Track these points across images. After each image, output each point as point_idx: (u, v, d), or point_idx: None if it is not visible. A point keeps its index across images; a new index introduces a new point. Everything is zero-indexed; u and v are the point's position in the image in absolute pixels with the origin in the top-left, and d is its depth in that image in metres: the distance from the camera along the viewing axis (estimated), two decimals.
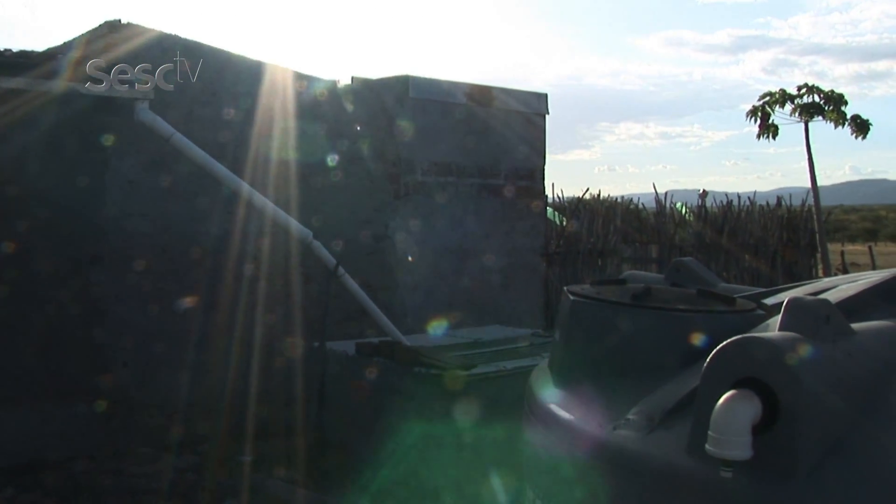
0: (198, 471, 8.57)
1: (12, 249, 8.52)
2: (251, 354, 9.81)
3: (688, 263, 5.36)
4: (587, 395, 3.75)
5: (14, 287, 8.59)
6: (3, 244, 8.47)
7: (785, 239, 19.47)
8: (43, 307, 8.81)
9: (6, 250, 8.47)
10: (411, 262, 11.37)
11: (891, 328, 3.52)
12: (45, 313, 8.81)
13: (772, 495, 2.75)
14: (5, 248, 8.46)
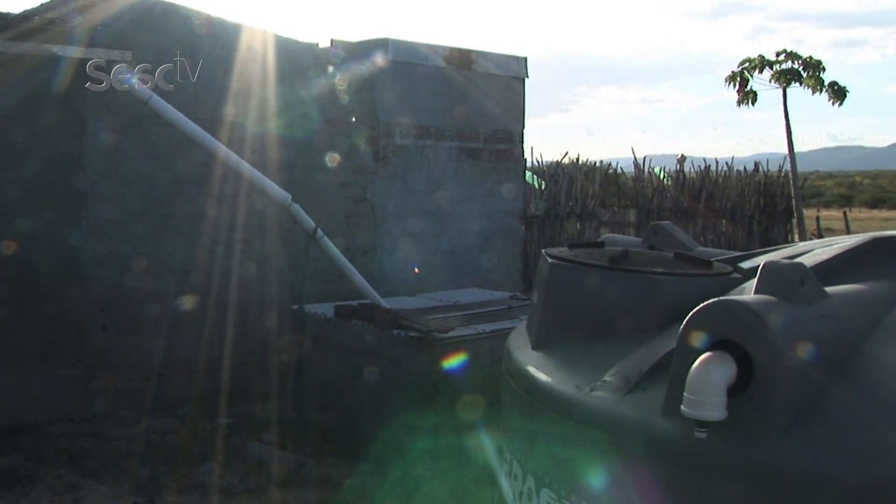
0: (177, 433, 8.58)
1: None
2: (230, 317, 9.82)
3: (665, 227, 5.37)
4: (564, 357, 3.77)
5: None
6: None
7: (762, 204, 19.57)
8: (21, 271, 8.77)
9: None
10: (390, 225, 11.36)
11: (863, 291, 3.55)
12: (23, 277, 8.77)
13: (745, 455, 2.78)
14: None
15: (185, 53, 9.45)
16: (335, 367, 8.94)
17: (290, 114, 10.28)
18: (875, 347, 3.13)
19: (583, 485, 3.34)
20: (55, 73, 8.52)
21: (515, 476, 3.86)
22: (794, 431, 2.77)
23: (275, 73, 10.16)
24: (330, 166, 10.72)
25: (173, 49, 9.25)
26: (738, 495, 2.83)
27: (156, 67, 8.76)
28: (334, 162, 10.76)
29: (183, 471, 7.65)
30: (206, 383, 9.67)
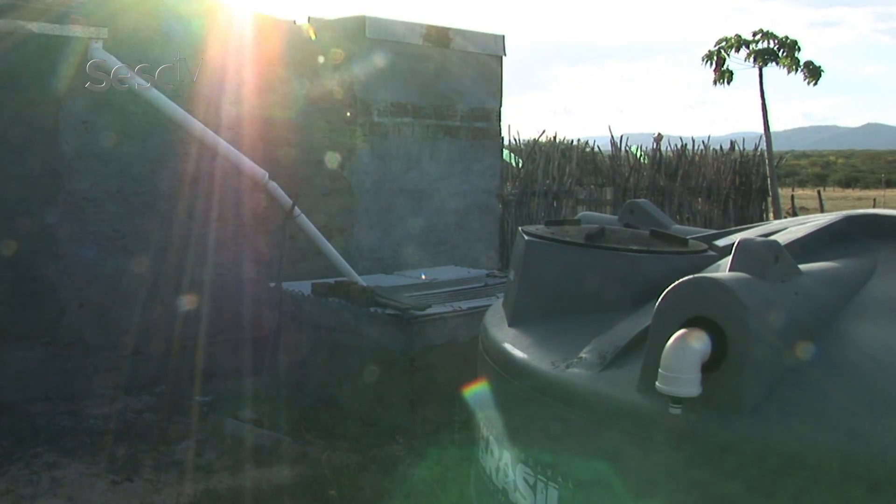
0: (155, 411, 8.58)
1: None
2: (208, 295, 9.80)
3: (642, 205, 5.40)
4: (541, 334, 3.79)
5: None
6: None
7: (737, 183, 19.67)
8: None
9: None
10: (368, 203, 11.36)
11: (836, 268, 3.59)
12: (0, 255, 8.72)
13: (718, 431, 2.81)
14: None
15: (161, 30, 9.39)
16: (312, 344, 8.95)
17: (267, 91, 10.23)
18: (847, 324, 3.17)
19: (558, 460, 3.37)
20: (30, 51, 8.45)
21: (492, 452, 3.89)
22: (768, 407, 2.80)
23: (251, 50, 10.11)
24: (306, 143, 10.69)
25: (150, 26, 9.19)
26: (713, 470, 2.87)
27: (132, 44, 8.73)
28: (311, 139, 10.73)
29: (160, 448, 7.65)
30: (183, 361, 9.65)
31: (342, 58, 11.01)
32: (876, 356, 2.94)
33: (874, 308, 3.32)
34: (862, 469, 2.58)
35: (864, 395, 2.77)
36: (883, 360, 2.90)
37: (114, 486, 6.85)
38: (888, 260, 3.78)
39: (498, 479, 3.81)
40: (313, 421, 8.36)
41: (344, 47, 11.04)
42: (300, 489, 6.75)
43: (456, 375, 7.97)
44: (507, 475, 3.68)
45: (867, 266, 3.70)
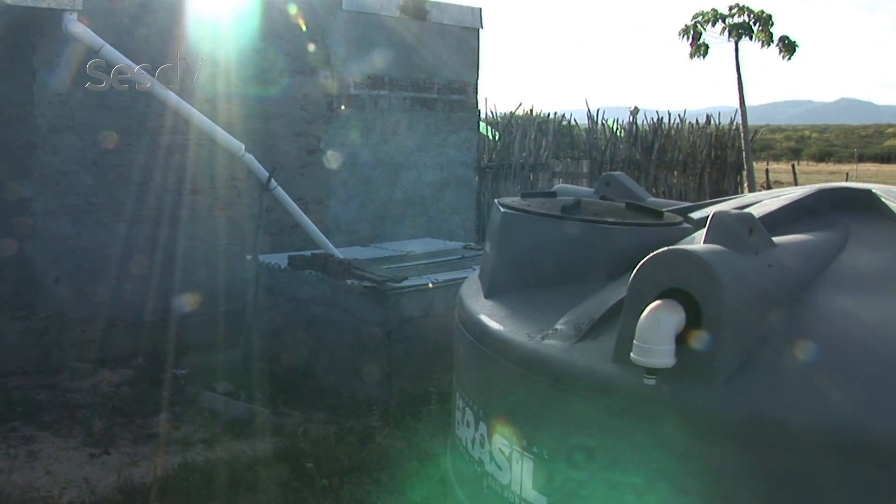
0: (132, 384, 8.57)
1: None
2: (186, 268, 9.79)
3: (617, 178, 5.41)
4: (516, 306, 3.80)
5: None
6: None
7: (713, 157, 19.74)
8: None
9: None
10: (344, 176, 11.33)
11: (809, 241, 3.62)
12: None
13: (692, 401, 2.84)
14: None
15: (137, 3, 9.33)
16: (289, 316, 8.96)
17: (244, 64, 10.19)
18: (819, 295, 3.20)
19: (534, 431, 3.40)
20: (4, 23, 8.37)
21: (468, 423, 3.91)
22: (741, 378, 2.82)
23: (228, 22, 10.05)
24: (283, 116, 10.66)
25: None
26: (687, 440, 2.90)
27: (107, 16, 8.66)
28: (288, 112, 10.69)
29: (137, 421, 7.66)
30: (159, 334, 9.64)
31: (319, 30, 10.96)
32: (846, 327, 2.97)
33: (845, 280, 3.35)
34: (834, 437, 2.61)
35: (835, 365, 2.80)
36: (853, 332, 2.94)
37: (91, 459, 6.86)
38: (859, 233, 3.81)
39: (474, 451, 3.83)
40: (290, 393, 8.38)
41: (321, 20, 10.99)
42: (277, 461, 6.77)
43: (432, 347, 8.03)
44: (484, 446, 3.70)
45: (839, 239, 3.73)
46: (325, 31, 11.07)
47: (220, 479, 6.35)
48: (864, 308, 3.09)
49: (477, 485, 3.80)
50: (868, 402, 2.64)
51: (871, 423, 2.58)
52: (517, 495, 3.48)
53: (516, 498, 3.48)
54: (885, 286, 3.29)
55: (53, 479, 6.50)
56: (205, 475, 6.40)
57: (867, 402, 2.64)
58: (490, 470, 3.66)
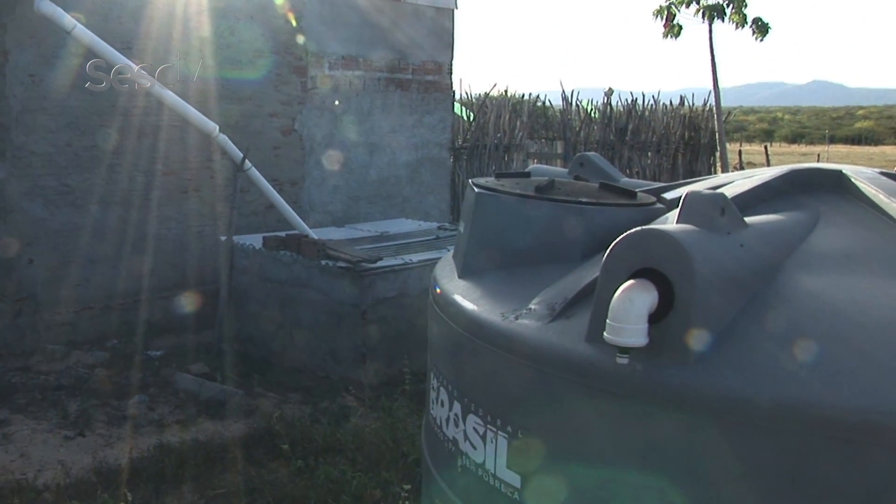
0: (107, 366, 8.54)
1: None
2: (160, 249, 9.76)
3: (591, 158, 5.42)
4: (490, 286, 3.81)
5: None
6: None
7: (686, 138, 19.80)
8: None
9: None
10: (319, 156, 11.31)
11: (781, 221, 3.65)
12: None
13: (664, 380, 2.86)
14: None
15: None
16: (264, 297, 8.95)
17: (217, 44, 10.13)
18: (790, 275, 3.23)
19: (508, 411, 3.42)
20: None
21: (442, 403, 3.92)
22: (713, 357, 2.85)
23: (200, 3, 9.99)
24: (258, 97, 10.61)
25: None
26: (659, 419, 2.92)
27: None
28: (262, 93, 10.65)
29: (112, 403, 7.64)
30: (134, 316, 9.62)
31: (293, 10, 10.91)
32: (817, 307, 3.00)
33: (816, 260, 3.38)
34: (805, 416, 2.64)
35: (808, 343, 2.82)
36: (825, 310, 2.96)
37: (66, 442, 6.85)
38: (830, 213, 3.84)
39: (449, 430, 3.85)
40: (265, 374, 8.39)
41: (296, 0, 10.94)
42: (252, 442, 6.79)
43: (407, 328, 8.05)
44: (458, 426, 3.72)
45: (810, 219, 3.76)
46: (300, 12, 11.02)
47: (195, 461, 6.36)
48: (834, 288, 3.12)
49: (451, 464, 3.82)
50: (836, 379, 2.67)
51: (839, 401, 2.61)
52: (491, 474, 3.50)
53: (491, 477, 3.50)
54: (854, 266, 3.33)
55: (28, 461, 6.49)
56: (179, 456, 6.40)
57: (835, 380, 2.67)
58: (464, 449, 3.68)
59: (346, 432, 6.73)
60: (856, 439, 2.60)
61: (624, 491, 3.06)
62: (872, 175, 4.11)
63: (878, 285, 3.15)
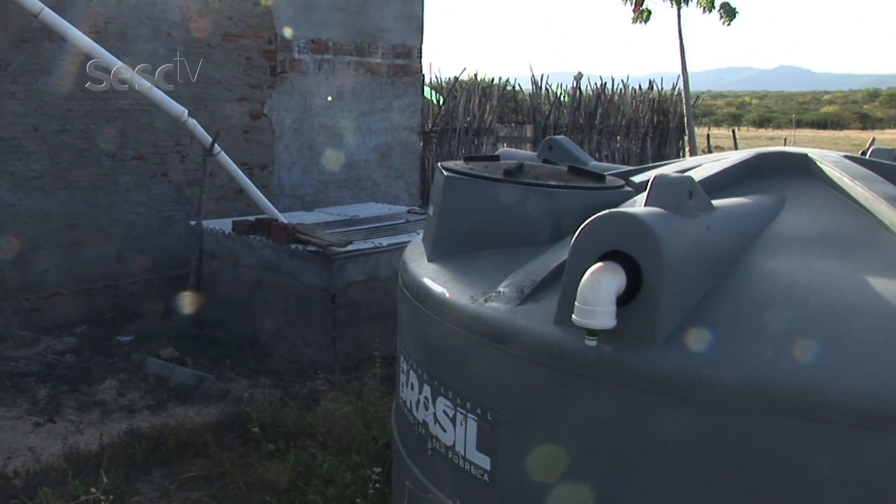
0: (77, 352, 8.51)
1: None
2: (129, 234, 9.71)
3: (560, 141, 5.44)
4: (460, 269, 3.83)
5: None
6: None
7: (655, 122, 19.89)
8: None
9: None
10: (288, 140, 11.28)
11: (748, 204, 3.68)
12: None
13: (632, 362, 2.89)
14: None
15: None
16: (233, 282, 8.93)
17: (185, 27, 10.07)
18: (757, 257, 3.26)
19: (478, 393, 3.44)
20: None
21: (412, 386, 3.94)
22: (680, 338, 2.88)
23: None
24: (227, 80, 10.56)
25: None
26: (627, 400, 2.95)
27: None
28: (231, 76, 10.60)
29: (83, 389, 7.61)
30: (104, 301, 9.59)
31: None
32: (783, 288, 3.03)
33: (782, 242, 3.42)
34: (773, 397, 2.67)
35: (773, 325, 2.86)
36: (790, 292, 3.00)
37: (36, 428, 6.81)
38: (796, 196, 3.88)
39: (419, 413, 3.86)
40: (235, 358, 8.38)
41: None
42: (223, 426, 6.78)
43: (377, 311, 8.07)
44: (428, 409, 3.73)
45: (776, 202, 3.80)
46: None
47: (166, 446, 6.35)
48: (799, 270, 3.16)
49: (422, 447, 3.84)
50: (802, 360, 2.70)
51: (805, 381, 2.65)
52: (461, 456, 3.52)
53: (461, 459, 3.52)
54: (819, 248, 3.36)
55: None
56: (151, 442, 6.38)
57: (801, 361, 2.70)
58: (434, 432, 3.70)
59: (317, 416, 6.74)
60: (821, 419, 2.64)
61: (594, 472, 3.09)
62: (837, 159, 4.15)
63: (842, 267, 3.19)
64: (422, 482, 3.87)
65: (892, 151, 4.77)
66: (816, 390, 2.63)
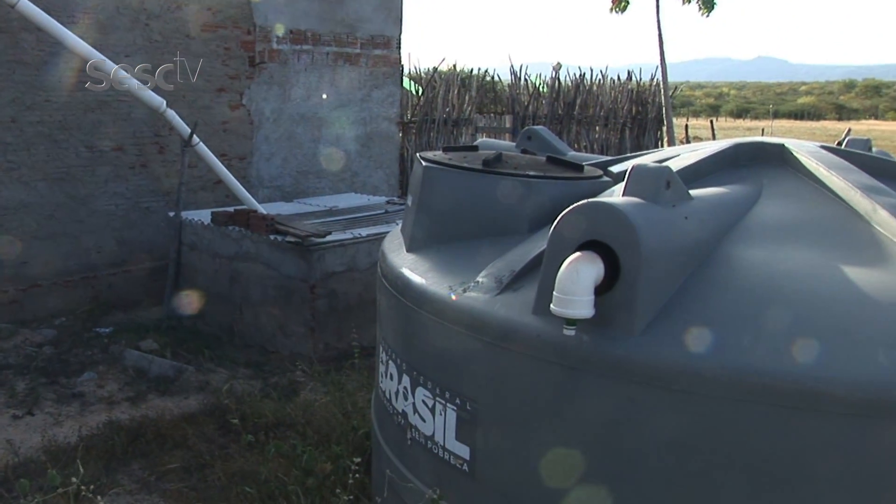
0: (55, 345, 8.47)
1: None
2: (108, 225, 9.67)
3: (539, 132, 5.45)
4: (438, 259, 3.84)
5: None
6: None
7: (634, 112, 19.93)
8: None
9: None
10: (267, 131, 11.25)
11: (725, 193, 3.71)
12: None
13: (610, 351, 2.91)
14: None
15: None
16: (213, 273, 8.91)
17: (164, 18, 10.02)
18: (734, 246, 3.28)
19: (456, 383, 3.45)
20: None
21: (392, 376, 3.95)
22: (658, 327, 2.90)
23: None
24: (205, 71, 10.52)
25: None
26: (606, 389, 2.97)
27: None
28: (210, 67, 10.56)
29: (61, 381, 7.58)
30: (83, 293, 9.54)
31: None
32: (760, 277, 3.06)
33: (759, 231, 3.44)
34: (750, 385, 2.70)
35: (749, 314, 2.88)
36: (767, 281, 3.02)
37: (14, 421, 6.78)
38: (772, 186, 3.91)
39: (398, 403, 3.88)
40: (215, 349, 8.36)
41: None
42: (203, 417, 6.77)
43: (356, 302, 8.07)
44: (407, 399, 3.75)
45: (753, 191, 3.83)
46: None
47: (145, 437, 6.33)
48: (775, 258, 3.18)
49: (401, 437, 3.85)
50: (777, 348, 2.73)
51: (781, 368, 2.67)
52: (441, 446, 3.53)
53: (440, 449, 3.54)
54: (795, 237, 3.39)
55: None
56: (130, 433, 6.37)
57: (777, 349, 2.72)
58: (414, 422, 3.71)
59: (297, 407, 6.73)
60: (796, 406, 2.67)
61: (572, 461, 3.10)
62: (813, 149, 4.19)
63: (818, 256, 3.21)
64: (401, 472, 3.88)
65: (867, 142, 4.82)
66: (793, 378, 2.65)
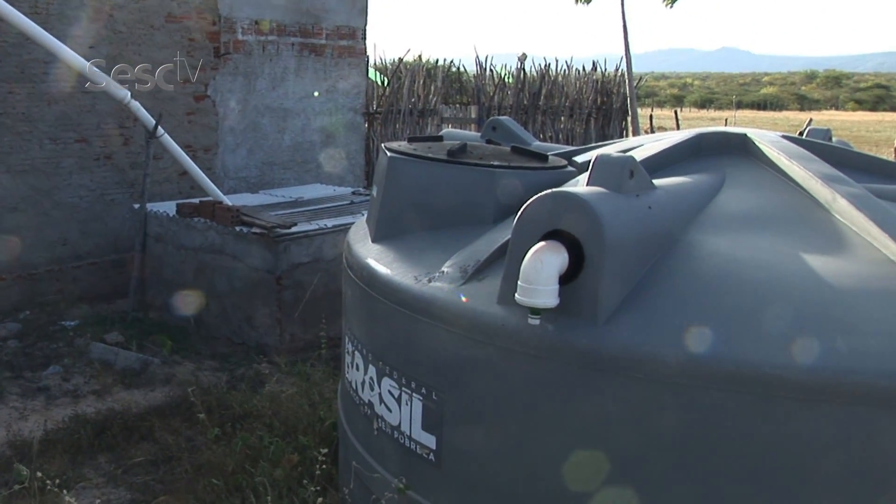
0: (20, 338, 8.41)
1: None
2: (73, 217, 9.60)
3: (504, 122, 5.47)
4: (403, 249, 3.84)
5: None
6: None
7: (599, 102, 20.00)
8: None
9: None
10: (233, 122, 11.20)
11: (688, 183, 3.74)
12: None
13: (575, 340, 2.93)
14: None
15: None
16: (178, 265, 8.87)
17: (127, 8, 9.94)
18: (697, 235, 3.31)
19: (422, 373, 3.46)
20: None
21: (358, 367, 3.96)
22: (622, 316, 2.92)
23: None
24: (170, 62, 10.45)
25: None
26: (570, 378, 2.99)
27: None
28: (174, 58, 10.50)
29: (27, 375, 7.53)
30: (48, 286, 9.47)
31: None
32: (723, 265, 3.09)
33: (722, 220, 3.48)
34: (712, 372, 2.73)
35: (712, 302, 2.91)
36: (729, 269, 3.05)
37: None
38: (735, 175, 3.95)
39: (364, 393, 3.89)
40: (181, 342, 8.33)
41: None
42: (169, 410, 6.75)
43: (322, 293, 8.06)
44: (374, 389, 3.76)
45: (716, 181, 3.86)
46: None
47: (112, 430, 6.31)
48: (738, 246, 3.22)
49: (367, 427, 3.86)
50: (740, 335, 2.76)
51: (744, 356, 2.71)
52: (407, 436, 3.55)
53: (406, 438, 3.55)
54: (758, 226, 3.43)
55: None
56: (96, 427, 6.35)
57: (739, 336, 2.76)
58: (380, 412, 3.72)
59: (263, 398, 6.73)
60: (758, 393, 2.70)
61: (539, 449, 3.13)
62: (775, 139, 4.23)
63: (780, 244, 3.25)
64: (368, 462, 3.90)
65: (827, 132, 4.88)
66: (754, 365, 2.69)
